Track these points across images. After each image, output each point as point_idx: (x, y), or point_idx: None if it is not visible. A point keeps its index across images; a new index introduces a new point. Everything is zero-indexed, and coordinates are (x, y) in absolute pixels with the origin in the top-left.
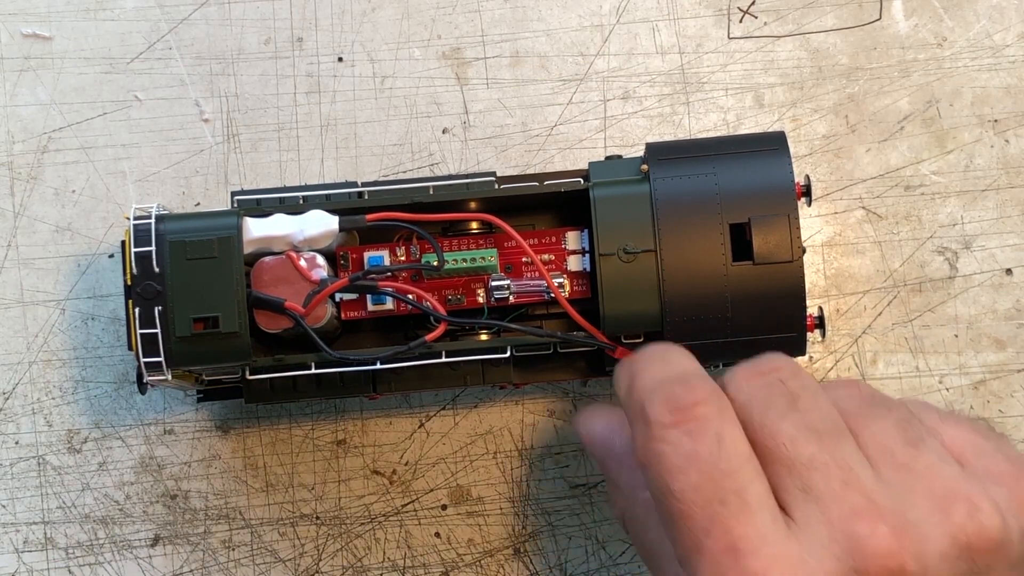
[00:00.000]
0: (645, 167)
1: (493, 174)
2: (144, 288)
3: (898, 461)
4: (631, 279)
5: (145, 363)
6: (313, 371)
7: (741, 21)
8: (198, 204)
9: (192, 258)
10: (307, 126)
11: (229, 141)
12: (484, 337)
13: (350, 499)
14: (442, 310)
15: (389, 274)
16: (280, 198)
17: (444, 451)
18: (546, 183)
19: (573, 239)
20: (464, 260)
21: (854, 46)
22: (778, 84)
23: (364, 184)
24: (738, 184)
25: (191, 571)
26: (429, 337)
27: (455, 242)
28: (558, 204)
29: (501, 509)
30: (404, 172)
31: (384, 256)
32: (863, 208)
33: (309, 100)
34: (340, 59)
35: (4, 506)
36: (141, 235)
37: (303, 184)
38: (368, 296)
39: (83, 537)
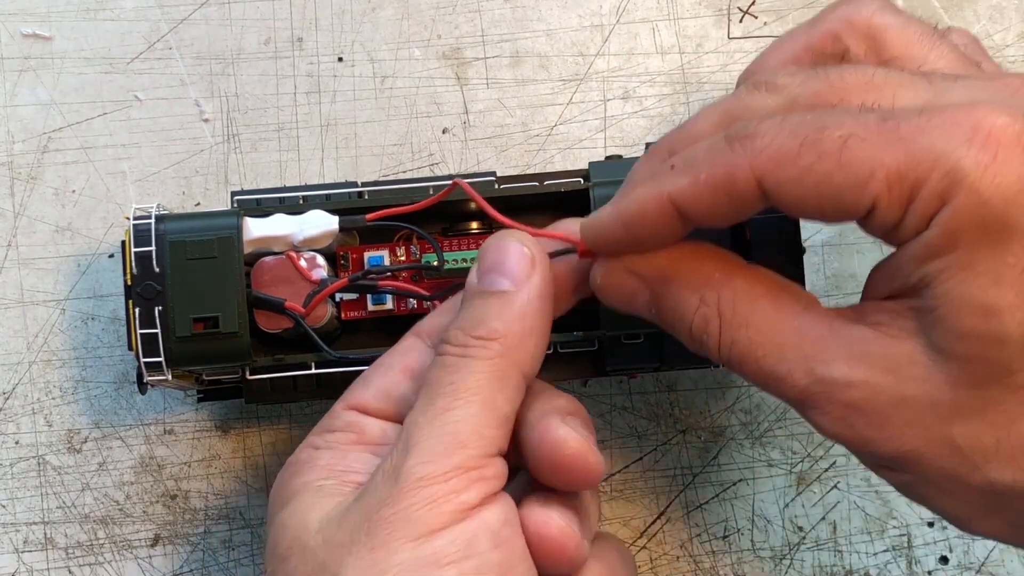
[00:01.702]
0: None
1: (493, 174)
2: (144, 288)
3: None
4: None
5: (145, 363)
6: (313, 371)
7: (741, 21)
8: (198, 204)
9: (192, 258)
10: (307, 126)
11: (229, 141)
12: None
13: None
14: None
15: (389, 274)
16: (280, 198)
17: None
18: (546, 183)
19: None
20: (464, 260)
21: None
22: None
23: (364, 184)
24: None
25: (191, 571)
26: None
27: (455, 242)
28: (558, 204)
29: None
30: (404, 172)
31: (384, 256)
32: None
33: (309, 100)
34: (340, 59)
35: (4, 506)
36: (141, 235)
37: (303, 184)
38: (368, 296)
39: (83, 537)
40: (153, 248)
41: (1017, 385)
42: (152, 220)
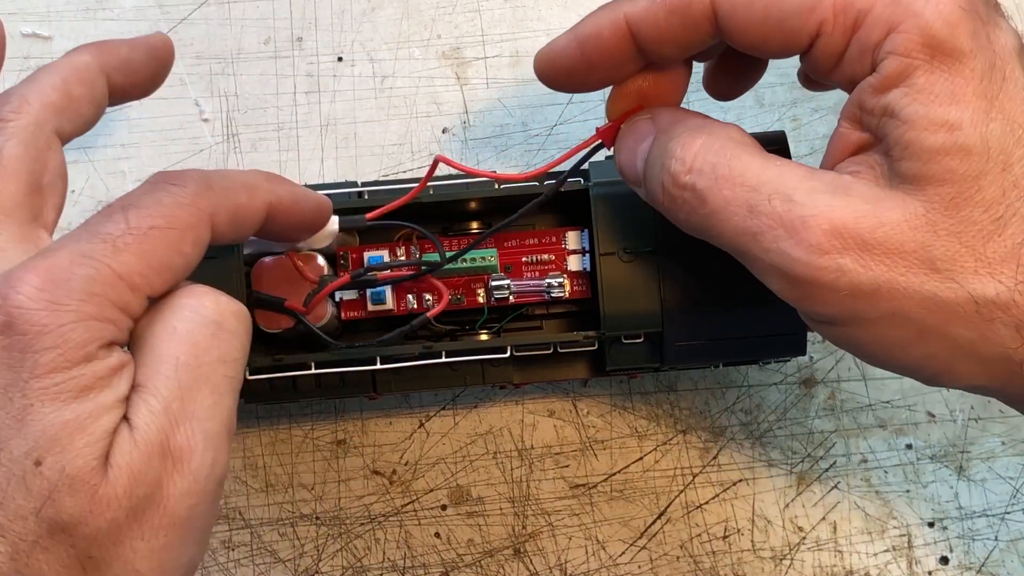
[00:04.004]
0: None
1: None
2: None
3: None
4: (631, 279)
5: None
6: (313, 371)
7: None
8: None
9: None
10: (307, 126)
11: (229, 141)
12: (484, 337)
13: (350, 499)
14: (445, 296)
15: (390, 271)
16: None
17: (444, 451)
18: (546, 183)
19: (573, 239)
20: (464, 260)
21: None
22: (778, 84)
23: (364, 184)
24: None
25: None
26: (430, 313)
27: (455, 242)
28: (558, 204)
29: (501, 509)
30: (404, 172)
31: (384, 255)
32: None
33: (309, 100)
34: (340, 59)
35: None
36: None
37: (303, 184)
38: (368, 296)
39: None
40: None
41: (987, 202)
42: None
